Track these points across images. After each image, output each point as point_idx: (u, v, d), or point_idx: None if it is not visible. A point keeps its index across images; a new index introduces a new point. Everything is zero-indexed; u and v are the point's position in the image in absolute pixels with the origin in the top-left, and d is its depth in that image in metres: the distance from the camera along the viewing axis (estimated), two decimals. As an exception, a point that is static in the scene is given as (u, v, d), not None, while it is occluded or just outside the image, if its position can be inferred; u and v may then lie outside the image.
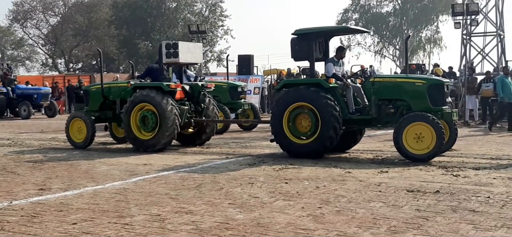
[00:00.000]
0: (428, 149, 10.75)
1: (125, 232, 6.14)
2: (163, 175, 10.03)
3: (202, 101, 14.53)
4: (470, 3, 29.81)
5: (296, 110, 11.94)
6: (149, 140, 13.33)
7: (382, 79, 12.51)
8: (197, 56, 15.36)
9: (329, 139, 11.57)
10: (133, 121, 13.48)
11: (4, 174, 10.31)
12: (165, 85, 13.58)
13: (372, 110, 11.81)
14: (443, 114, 11.36)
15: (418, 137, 10.84)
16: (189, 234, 6.04)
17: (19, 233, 6.17)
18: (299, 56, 12.80)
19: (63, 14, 66.51)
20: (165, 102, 13.12)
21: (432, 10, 62.29)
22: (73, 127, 14.55)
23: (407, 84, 11.84)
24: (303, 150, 11.79)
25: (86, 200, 7.89)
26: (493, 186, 8.49)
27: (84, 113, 15.05)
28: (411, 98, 11.47)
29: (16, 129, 21.49)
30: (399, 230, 6.08)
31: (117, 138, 15.32)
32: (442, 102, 11.56)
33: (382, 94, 11.81)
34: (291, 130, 11.95)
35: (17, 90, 29.60)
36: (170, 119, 13.11)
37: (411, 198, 7.67)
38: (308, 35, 12.47)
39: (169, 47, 14.11)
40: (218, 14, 62.12)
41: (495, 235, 5.81)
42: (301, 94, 11.95)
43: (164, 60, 14.21)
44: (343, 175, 9.63)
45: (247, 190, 8.43)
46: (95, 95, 15.03)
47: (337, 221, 6.48)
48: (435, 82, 11.96)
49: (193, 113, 14.28)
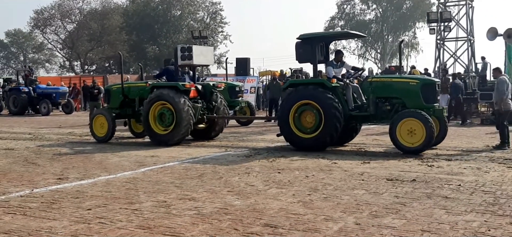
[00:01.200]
0: (419, 142, 10.69)
1: (135, 217, 6.14)
2: (169, 165, 10.03)
3: (213, 100, 14.47)
4: (443, 12, 29.92)
5: (302, 107, 11.85)
6: (166, 135, 13.25)
7: (379, 79, 12.44)
8: (209, 58, 15.37)
9: (331, 133, 11.52)
10: (152, 118, 13.39)
11: (26, 165, 10.30)
12: (181, 85, 13.54)
13: (370, 107, 11.77)
14: (435, 111, 11.32)
15: (410, 132, 10.79)
16: (192, 218, 6.05)
17: (39, 218, 6.17)
18: (302, 58, 12.68)
19: (79, 21, 66.40)
20: (180, 100, 13.06)
21: (409, 18, 62.34)
22: (96, 123, 14.51)
23: (402, 83, 11.77)
24: (307, 143, 11.72)
25: (99, 188, 7.89)
26: (463, 175, 8.52)
27: (106, 110, 14.99)
28: (406, 96, 11.40)
29: (36, 125, 21.45)
30: (379, 214, 6.10)
31: (135, 133, 15.26)
32: (434, 100, 11.51)
33: (379, 93, 11.74)
34: (297, 125, 11.87)
35: (38, 90, 29.59)
36: (185, 116, 13.06)
37: (390, 186, 7.69)
38: (311, 40, 12.42)
39: (184, 50, 14.14)
40: (218, 21, 62.11)
41: (465, 219, 5.83)
42: (306, 93, 11.90)
43: (179, 62, 14.20)
44: (329, 166, 9.65)
45: (244, 179, 8.44)
46: (116, 94, 14.95)
47: (324, 207, 6.49)
48: (428, 81, 11.90)
49: (205, 110, 14.20)
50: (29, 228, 5.76)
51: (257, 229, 5.58)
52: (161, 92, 13.39)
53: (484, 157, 10.48)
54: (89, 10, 65.98)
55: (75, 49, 66.78)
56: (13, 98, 29.22)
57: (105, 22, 63.77)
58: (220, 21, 62.21)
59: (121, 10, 63.29)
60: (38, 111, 29.09)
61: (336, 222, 5.79)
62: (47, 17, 66.42)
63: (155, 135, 13.44)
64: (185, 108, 13.04)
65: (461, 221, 5.76)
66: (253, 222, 5.85)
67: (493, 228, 5.47)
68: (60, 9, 65.77)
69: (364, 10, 65.09)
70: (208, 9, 62.19)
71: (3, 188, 8.00)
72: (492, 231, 5.39)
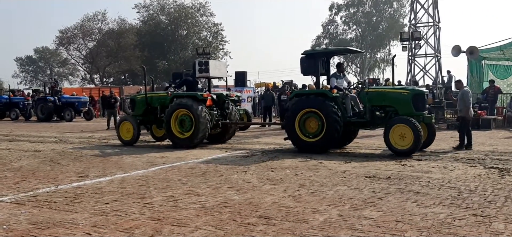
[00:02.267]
0: (409, 145, 10.60)
1: (146, 210, 6.12)
2: (176, 165, 10.01)
3: (226, 107, 14.41)
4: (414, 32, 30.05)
5: (306, 114, 11.74)
6: (186, 139, 13.17)
7: (374, 90, 12.28)
8: (223, 71, 15.45)
9: (332, 138, 11.44)
10: (173, 123, 13.32)
11: (51, 165, 10.27)
12: (199, 95, 13.55)
13: (366, 114, 11.69)
14: (424, 118, 11.24)
15: (402, 136, 10.71)
16: (196, 211, 6.04)
17: (63, 211, 6.15)
18: (307, 71, 12.57)
19: (98, 40, 66.30)
20: (199, 108, 13.04)
21: (385, 37, 62.56)
22: (123, 128, 14.43)
23: (395, 93, 11.68)
24: (311, 146, 11.59)
25: (116, 184, 7.87)
26: (432, 173, 8.53)
27: (131, 117, 14.86)
28: (398, 105, 11.30)
29: (61, 130, 21.38)
30: (359, 207, 6.10)
31: (156, 137, 15.14)
32: (423, 108, 11.41)
33: (375, 102, 11.64)
34: (302, 130, 11.77)
35: (62, 99, 29.59)
36: (203, 122, 13.03)
37: (369, 183, 7.69)
38: (314, 55, 12.40)
39: (202, 64, 14.24)
40: (219, 39, 62.16)
41: (434, 211, 5.84)
42: (310, 102, 11.79)
43: (197, 74, 14.26)
44: (316, 165, 9.64)
45: (242, 177, 8.42)
46: (140, 102, 14.87)
47: (311, 201, 6.49)
48: (418, 92, 11.76)
49: (219, 117, 14.13)
50: (54, 220, 5.73)
51: (253, 220, 5.57)
52: (181, 101, 13.36)
53: (450, 157, 10.49)
54: (107, 30, 65.92)
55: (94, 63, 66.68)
56: (40, 107, 29.21)
57: (121, 40, 63.69)
58: (221, 39, 62.29)
59: (135, 30, 63.27)
60: (62, 118, 29.05)
61: (322, 214, 5.79)
62: (70, 36, 66.32)
63: (176, 139, 13.34)
64: (202, 115, 13.02)
65: (430, 213, 5.77)
66: (250, 214, 5.84)
67: (458, 219, 5.48)
68: (82, 29, 65.70)
69: (345, 30, 65.25)
70: (210, 29, 62.26)
71: (32, 185, 7.97)
72: (456, 221, 5.39)
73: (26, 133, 19.54)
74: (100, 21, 65.69)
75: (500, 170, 8.74)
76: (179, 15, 59.90)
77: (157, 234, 5.12)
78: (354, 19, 63.85)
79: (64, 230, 5.31)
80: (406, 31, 31.48)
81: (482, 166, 9.27)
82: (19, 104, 31.52)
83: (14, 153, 12.52)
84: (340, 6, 64.31)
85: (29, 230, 5.34)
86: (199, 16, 61.31)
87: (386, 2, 63.07)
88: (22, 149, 13.32)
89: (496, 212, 5.74)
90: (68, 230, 5.31)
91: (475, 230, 5.08)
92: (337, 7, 64.38)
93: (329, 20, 65.37)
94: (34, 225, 5.52)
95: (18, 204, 6.60)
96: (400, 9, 62.70)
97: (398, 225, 5.27)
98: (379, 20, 63.10)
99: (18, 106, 31.34)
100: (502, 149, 11.98)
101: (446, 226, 5.21)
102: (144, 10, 61.65)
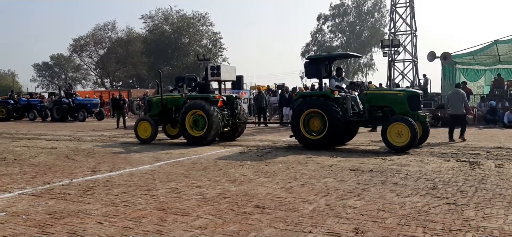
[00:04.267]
0: (406, 142, 10.47)
1: (152, 201, 6.11)
2: (180, 160, 9.99)
3: (235, 108, 14.34)
4: (393, 39, 30.12)
5: (310, 114, 11.60)
6: (199, 137, 13.06)
7: (373, 91, 12.12)
8: (232, 75, 15.34)
9: (334, 135, 11.32)
10: (188, 123, 13.24)
11: (66, 160, 10.22)
12: (211, 96, 13.49)
13: (365, 114, 11.59)
14: (419, 117, 11.11)
15: (398, 134, 10.59)
16: (198, 201, 6.03)
17: (77, 202, 6.12)
18: (310, 75, 12.43)
19: (109, 47, 66.20)
20: (211, 109, 12.98)
21: (367, 44, 62.66)
22: (140, 127, 14.23)
23: (392, 95, 11.57)
24: (315, 143, 11.43)
25: (125, 178, 7.84)
26: (410, 166, 8.55)
27: (149, 117, 14.66)
28: (395, 105, 11.15)
29: (75, 129, 21.29)
30: (344, 197, 6.11)
31: (170, 135, 15.01)
32: (418, 108, 11.26)
33: (373, 102, 11.49)
34: (306, 129, 11.65)
35: (76, 101, 29.50)
36: (215, 122, 12.96)
37: (353, 175, 7.70)
38: (317, 60, 12.30)
39: (214, 68, 14.20)
40: (218, 47, 62.26)
41: (411, 200, 5.85)
42: (314, 103, 11.61)
43: (210, 78, 14.19)
44: (306, 160, 9.64)
45: (239, 170, 8.42)
46: (156, 104, 14.73)
47: (301, 192, 6.49)
48: (413, 93, 11.60)
49: (229, 117, 14.06)
50: (69, 210, 5.71)
51: (249, 210, 5.57)
52: (195, 102, 13.28)
53: (426, 152, 10.52)
54: (117, 38, 65.83)
55: (105, 69, 66.55)
56: (56, 108, 29.06)
57: (129, 48, 63.60)
58: (219, 46, 62.39)
59: (141, 39, 63.21)
60: (76, 118, 28.95)
61: (311, 203, 5.79)
62: (83, 44, 66.19)
63: (190, 137, 13.23)
64: (215, 115, 12.96)
65: (408, 202, 5.78)
66: (246, 204, 5.83)
67: (433, 207, 5.49)
68: (94, 38, 65.57)
69: (332, 38, 65.29)
70: (210, 38, 62.29)
71: (48, 179, 7.94)
72: (432, 209, 5.41)
73: (43, 132, 19.44)
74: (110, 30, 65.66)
75: (471, 163, 8.77)
76: (181, 24, 59.89)
77: (162, 222, 5.11)
78: (340, 28, 63.95)
79: (78, 220, 5.29)
80: (386, 39, 31.57)
81: (455, 159, 9.30)
82: (37, 105, 31.41)
83: (32, 150, 12.45)
84: (327, 16, 64.43)
85: (46, 220, 5.32)
86: (200, 26, 61.35)
87: (368, 13, 63.26)
88: (39, 147, 13.25)
89: (468, 201, 5.76)
90: (82, 220, 5.29)
91: (449, 217, 5.10)
92: (324, 17, 64.51)
93: (317, 29, 65.44)
94: (51, 215, 5.50)
95: (36, 196, 6.56)
96: (381, 19, 62.92)
97: (380, 213, 5.28)
98: (362, 29, 63.22)
99: (36, 108, 31.23)
100: (472, 145, 12.03)
101: (422, 214, 5.22)
102: (150, 20, 61.68)
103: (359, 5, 63.21)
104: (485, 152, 10.42)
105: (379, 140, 12.74)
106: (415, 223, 4.88)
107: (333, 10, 63.74)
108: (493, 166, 8.44)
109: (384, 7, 61.21)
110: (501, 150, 10.85)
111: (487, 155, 9.99)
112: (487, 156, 9.84)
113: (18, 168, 9.16)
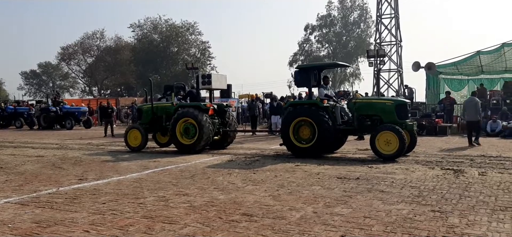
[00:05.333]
0: (394, 150, 10.46)
1: (140, 209, 6.05)
2: (167, 168, 9.92)
3: (226, 117, 14.27)
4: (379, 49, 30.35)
5: (299, 123, 11.54)
6: (190, 145, 12.97)
7: (361, 100, 12.10)
8: (223, 83, 15.24)
9: (324, 143, 11.29)
10: (178, 131, 13.13)
11: (53, 169, 10.09)
12: (202, 105, 13.43)
13: (354, 122, 11.57)
14: (406, 126, 11.09)
15: (387, 142, 10.57)
16: (186, 209, 5.99)
17: (64, 210, 6.04)
18: (300, 84, 12.42)
19: (97, 56, 65.73)
20: (202, 117, 12.91)
21: (353, 54, 63.14)
22: (131, 135, 14.10)
23: (380, 104, 11.59)
24: (304, 151, 11.39)
25: (112, 186, 7.77)
26: (395, 174, 8.60)
27: (139, 125, 14.49)
28: (383, 114, 11.17)
29: (62, 137, 21.05)
30: (331, 204, 6.12)
31: (160, 143, 14.89)
32: (406, 117, 11.26)
33: (362, 111, 11.50)
34: (296, 137, 11.58)
35: (63, 109, 29.23)
36: (206, 130, 12.88)
37: (340, 183, 7.73)
38: (307, 69, 12.31)
39: (204, 77, 14.12)
40: (206, 55, 62.14)
41: (397, 208, 5.89)
42: (303, 111, 11.56)
43: (200, 86, 14.10)
44: (293, 168, 9.65)
45: (227, 178, 8.39)
46: (146, 112, 14.64)
47: (289, 199, 6.49)
48: (401, 102, 11.62)
49: (220, 125, 13.99)
50: (55, 219, 5.63)
51: (237, 217, 5.54)
52: (187, 111, 13.18)
53: (411, 160, 10.60)
54: (105, 47, 65.41)
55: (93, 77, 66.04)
56: (43, 116, 28.75)
57: (117, 56, 63.20)
58: (208, 55, 62.29)
59: (130, 47, 62.88)
60: (63, 126, 28.67)
61: (299, 211, 5.79)
62: (71, 52, 65.63)
63: (181, 145, 13.13)
64: (206, 125, 12.88)
65: (394, 209, 5.81)
66: (234, 212, 5.81)
67: (418, 215, 5.53)
68: (82, 46, 65.08)
69: (319, 48, 65.70)
70: (199, 47, 62.22)
71: (35, 187, 7.82)
72: (417, 217, 5.44)
73: (30, 140, 19.18)
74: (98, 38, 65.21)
75: (455, 171, 8.86)
76: (170, 33, 59.80)
77: (150, 231, 5.07)
78: (327, 38, 64.39)
79: (65, 228, 5.21)
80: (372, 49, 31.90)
81: (439, 168, 9.38)
82: (24, 113, 30.99)
83: (19, 158, 12.27)
84: (314, 26, 64.86)
85: (32, 228, 5.24)
86: (189, 35, 61.29)
87: (354, 23, 63.89)
88: (26, 155, 13.07)
89: (452, 208, 5.81)
90: (68, 228, 5.21)
91: (434, 224, 5.13)
92: (311, 27, 64.93)
93: (304, 39, 65.82)
94: (37, 224, 5.41)
95: (22, 204, 6.46)
96: (366, 29, 63.53)
97: (366, 221, 5.30)
98: (348, 39, 63.77)
99: (23, 116, 30.82)
100: (456, 153, 12.16)
101: (408, 221, 5.25)
102: (138, 29, 61.48)
103: (345, 16, 63.81)
104: (469, 160, 10.53)
105: (365, 148, 12.85)
106: (400, 230, 4.90)
107: (320, 20, 64.22)
108: (476, 174, 8.54)
109: (370, 18, 61.85)
110: (484, 158, 10.99)
111: (471, 163, 10.11)
112: (471, 164, 9.95)
113: (4, 177, 9.02)
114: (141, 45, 60.08)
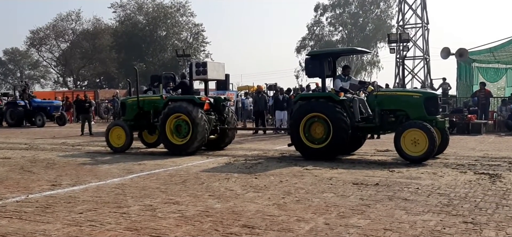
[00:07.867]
0: (423, 151, 10.38)
1: (123, 220, 6.06)
2: (155, 172, 9.94)
3: (224, 112, 14.19)
4: (402, 33, 30.29)
5: (311, 119, 11.47)
6: (182, 145, 12.90)
7: (384, 93, 12.05)
8: (221, 73, 14.98)
9: (339, 144, 11.22)
10: (168, 129, 13.05)
11: (22, 173, 10.11)
12: (196, 98, 13.30)
13: (375, 119, 11.46)
14: (437, 122, 11.01)
15: (414, 142, 10.48)
16: (176, 220, 5.99)
17: (34, 221, 6.05)
18: (312, 73, 12.27)
19: (72, 41, 65.88)
20: (196, 113, 12.80)
21: (372, 38, 63.13)
22: (113, 134, 14.02)
23: (406, 96, 11.52)
24: (317, 153, 11.33)
25: (90, 193, 7.78)
26: (421, 179, 8.59)
27: (123, 122, 14.39)
28: (409, 109, 11.10)
29: (32, 136, 21.09)
30: (346, 215, 6.12)
31: (147, 143, 14.90)
32: (436, 112, 11.21)
33: (384, 105, 11.43)
34: (307, 136, 11.52)
35: (33, 103, 29.28)
36: (201, 127, 12.79)
37: (356, 189, 7.73)
38: (319, 56, 12.22)
39: (199, 65, 13.89)
40: (200, 41, 62.17)
41: (423, 218, 5.88)
42: (316, 106, 11.51)
43: (194, 77, 13.91)
44: (302, 172, 9.65)
45: (224, 184, 8.40)
46: (131, 106, 14.53)
47: (296, 209, 6.49)
48: (430, 95, 11.58)
49: (217, 122, 13.91)
50: (24, 231, 5.64)
51: (236, 230, 5.55)
52: (179, 105, 13.06)
53: (439, 163, 10.58)
54: (82, 30, 65.55)
55: (68, 66, 66.21)
56: (10, 111, 28.80)
57: (96, 42, 63.36)
58: (202, 41, 62.30)
59: (111, 31, 62.93)
60: (33, 123, 28.68)
61: (308, 223, 5.79)
62: (42, 37, 65.77)
63: (171, 145, 13.05)
64: (201, 122, 12.79)
65: (419, 220, 5.81)
66: (232, 223, 5.81)
67: (448, 227, 5.53)
68: (55, 30, 65.19)
69: (332, 31, 65.78)
70: (191, 30, 62.24)
71: (0, 194, 7.83)
72: (447, 229, 5.44)
73: (-6, 139, 19.23)
74: (74, 21, 65.34)
75: (491, 176, 8.86)
76: (157, 15, 59.74)
77: (135, 245, 5.08)
78: (340, 20, 64.39)
79: (35, 242, 5.23)
80: (393, 33, 31.81)
81: (473, 172, 9.38)
82: (-14, 109, 31.07)
83: (-19, 160, 12.31)
84: (326, 6, 64.86)
85: (-3, 242, 5.25)
86: (179, 16, 61.24)
87: (373, 2, 63.73)
88: (-10, 157, 13.11)
89: (487, 219, 5.81)
90: (39, 242, 5.22)
91: (466, 238, 5.13)
92: (322, 7, 64.93)
93: (314, 21, 65.84)
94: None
95: (-15, 214, 6.48)
96: (387, 9, 63.44)
97: (387, 234, 5.30)
98: (365, 21, 63.71)
99: (-15, 111, 30.89)
100: (492, 155, 12.15)
101: (436, 234, 5.25)
102: (120, 10, 61.39)
103: (362, -6, 63.75)
104: (507, 163, 10.53)
105: (385, 149, 12.85)
106: (427, 245, 4.90)
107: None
108: (516, 179, 8.54)
109: (392, -4, 61.77)
110: (525, 160, 10.99)
111: (510, 166, 10.10)
112: (510, 168, 9.95)
113: (-36, 182, 9.05)
114: (123, 28, 60.05)
